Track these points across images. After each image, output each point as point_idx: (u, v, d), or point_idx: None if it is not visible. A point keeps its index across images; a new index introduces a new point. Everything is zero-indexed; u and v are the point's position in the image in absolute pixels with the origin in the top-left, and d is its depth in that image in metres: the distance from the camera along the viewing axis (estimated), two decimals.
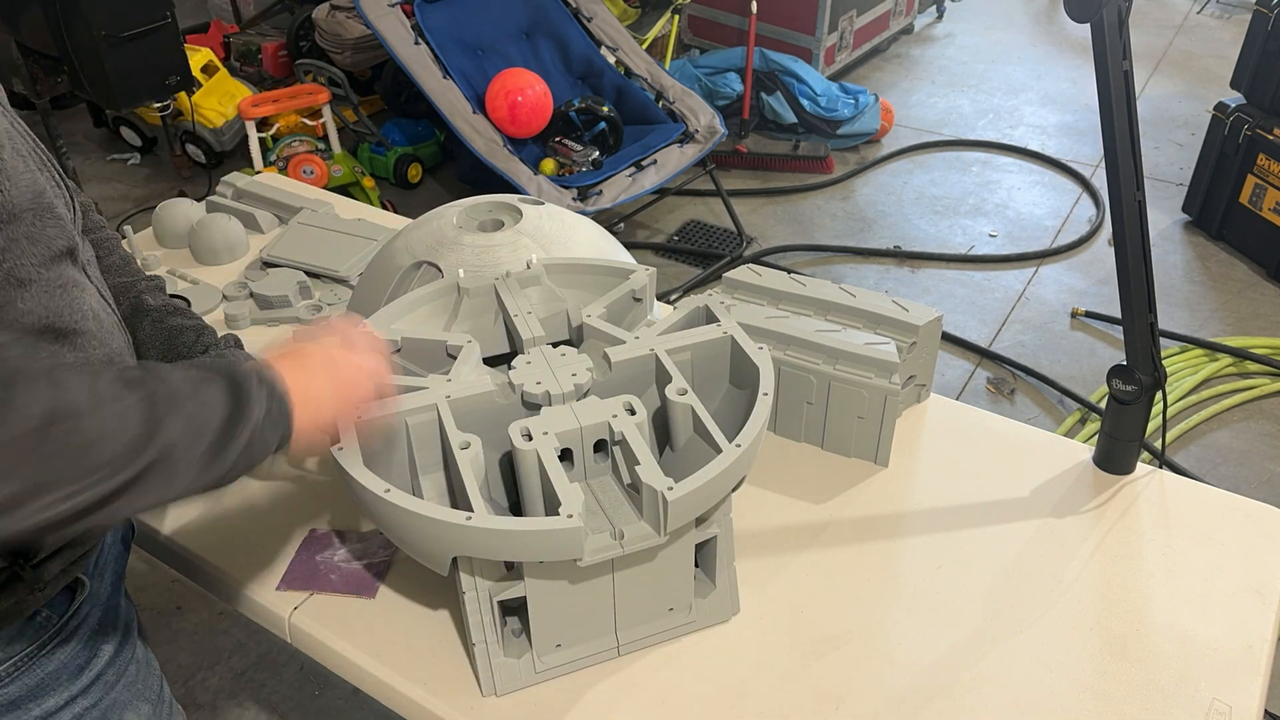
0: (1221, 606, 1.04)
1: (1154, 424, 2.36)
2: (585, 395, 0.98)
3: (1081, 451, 1.25)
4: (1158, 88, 4.35)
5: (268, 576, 1.08)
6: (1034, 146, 3.86)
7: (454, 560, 0.87)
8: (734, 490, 0.94)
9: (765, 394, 0.95)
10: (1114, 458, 1.21)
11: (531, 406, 0.98)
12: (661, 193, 3.44)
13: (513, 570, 0.92)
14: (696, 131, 3.05)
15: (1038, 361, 2.75)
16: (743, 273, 1.34)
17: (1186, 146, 3.84)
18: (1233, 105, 3.11)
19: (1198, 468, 2.40)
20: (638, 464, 0.88)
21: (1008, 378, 2.71)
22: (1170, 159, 3.79)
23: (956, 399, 2.24)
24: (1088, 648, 1.00)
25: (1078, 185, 3.63)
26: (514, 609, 0.97)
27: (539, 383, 0.99)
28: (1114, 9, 0.97)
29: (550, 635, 0.94)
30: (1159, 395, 1.16)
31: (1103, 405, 2.03)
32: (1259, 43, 3.01)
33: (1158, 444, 2.36)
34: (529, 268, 1.11)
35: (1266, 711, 1.72)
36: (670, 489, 0.84)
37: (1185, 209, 3.37)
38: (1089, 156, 3.80)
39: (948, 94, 4.34)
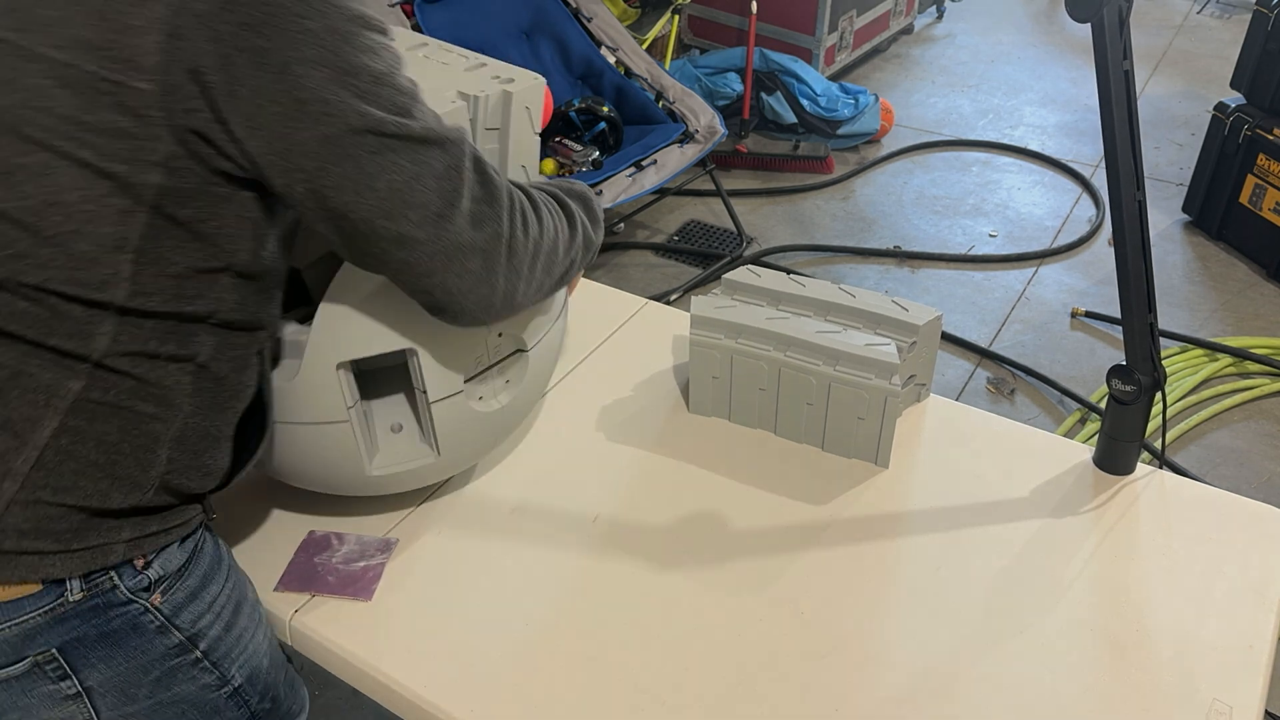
0: (1221, 606, 1.04)
1: (1154, 424, 2.36)
2: None
3: (1081, 452, 1.25)
4: (1158, 88, 4.35)
5: (266, 577, 1.08)
6: (1034, 146, 3.86)
7: None
8: None
9: None
10: (1114, 458, 1.21)
11: None
12: (661, 193, 3.44)
13: None
14: (696, 131, 3.04)
15: (1038, 361, 2.75)
16: (743, 273, 1.34)
17: (1186, 146, 3.84)
18: (1233, 105, 3.11)
19: (1198, 468, 2.40)
20: None
21: (1008, 378, 2.71)
22: (1170, 159, 3.79)
23: (956, 399, 2.24)
24: (1088, 648, 1.00)
25: (1078, 185, 3.63)
26: None
27: None
28: (1115, 9, 0.97)
29: None
30: (1159, 395, 1.16)
31: (1103, 405, 2.03)
32: (1259, 43, 3.01)
33: (1158, 444, 2.36)
34: None
35: (1267, 712, 1.72)
36: None
37: (1185, 209, 3.36)
38: (1089, 156, 3.80)
39: (948, 94, 4.34)
